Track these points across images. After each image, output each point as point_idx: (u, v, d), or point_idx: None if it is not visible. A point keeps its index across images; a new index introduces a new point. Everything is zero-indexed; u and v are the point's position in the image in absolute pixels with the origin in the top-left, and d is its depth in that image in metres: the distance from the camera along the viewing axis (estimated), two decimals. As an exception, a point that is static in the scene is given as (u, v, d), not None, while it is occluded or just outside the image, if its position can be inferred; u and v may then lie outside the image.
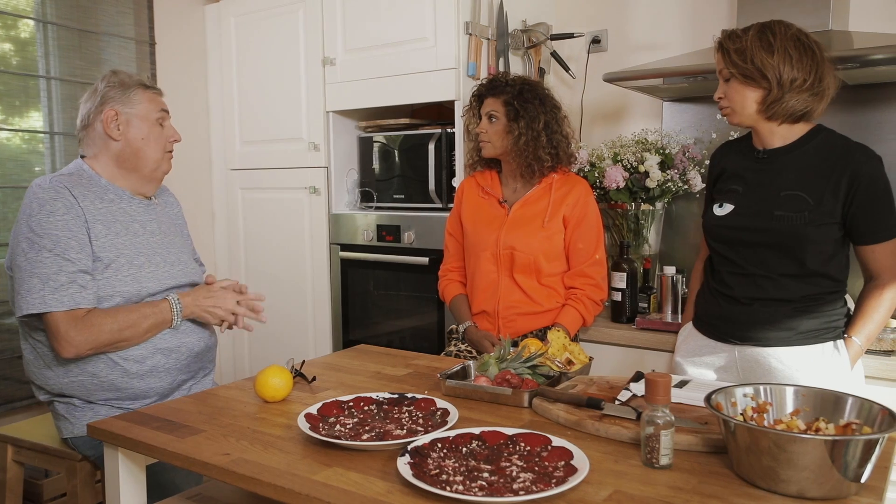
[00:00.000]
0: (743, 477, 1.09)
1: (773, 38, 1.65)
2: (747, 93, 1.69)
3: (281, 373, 1.55)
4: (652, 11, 2.78)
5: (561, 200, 2.17)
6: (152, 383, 1.78)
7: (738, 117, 1.73)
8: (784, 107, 1.66)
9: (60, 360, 1.73)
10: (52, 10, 2.82)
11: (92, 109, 1.84)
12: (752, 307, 1.73)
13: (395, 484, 1.10)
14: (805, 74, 1.64)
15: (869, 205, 1.64)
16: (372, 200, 2.93)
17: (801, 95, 1.65)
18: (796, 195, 1.67)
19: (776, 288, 1.71)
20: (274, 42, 3.10)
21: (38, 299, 1.64)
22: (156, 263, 1.83)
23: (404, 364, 1.85)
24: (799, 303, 1.70)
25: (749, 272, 1.74)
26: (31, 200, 1.71)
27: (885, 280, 1.68)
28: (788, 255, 1.68)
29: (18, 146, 2.77)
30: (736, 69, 1.68)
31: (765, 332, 1.72)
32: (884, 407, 1.10)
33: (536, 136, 2.13)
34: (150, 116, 1.86)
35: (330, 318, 3.02)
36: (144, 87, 1.88)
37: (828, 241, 1.67)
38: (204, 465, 1.23)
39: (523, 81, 2.20)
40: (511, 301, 2.18)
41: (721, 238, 1.80)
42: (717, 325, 1.81)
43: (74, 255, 1.68)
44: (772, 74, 1.64)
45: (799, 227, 1.65)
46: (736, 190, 1.78)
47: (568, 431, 1.31)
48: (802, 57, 1.64)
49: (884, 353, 1.96)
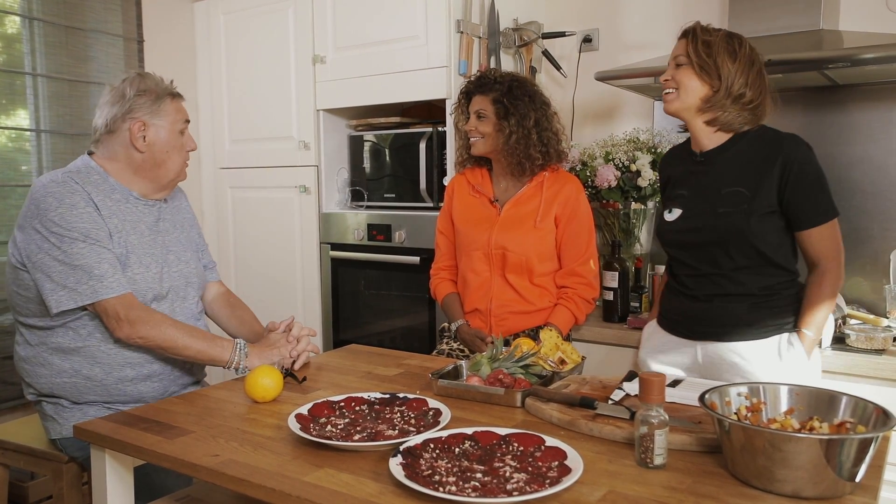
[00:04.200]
0: (738, 476, 1.08)
1: (738, 47, 1.71)
2: (696, 84, 1.72)
3: (271, 373, 1.53)
4: (643, 10, 2.78)
5: (552, 199, 2.16)
6: (144, 390, 1.76)
7: (679, 103, 1.75)
8: (722, 116, 1.72)
9: (56, 358, 1.71)
10: (38, 7, 2.79)
11: (118, 116, 1.77)
12: (713, 303, 1.78)
13: (387, 485, 1.09)
14: (753, 94, 1.71)
15: (802, 190, 1.68)
16: (362, 199, 2.92)
17: (742, 112, 1.72)
18: (735, 191, 1.72)
19: (733, 283, 1.75)
20: (264, 40, 3.08)
21: (88, 289, 1.64)
22: (162, 264, 1.81)
23: (396, 364, 1.84)
24: (758, 296, 1.74)
25: (704, 272, 1.78)
26: (44, 196, 1.67)
27: (824, 267, 1.71)
28: (737, 250, 1.72)
29: (4, 144, 2.74)
30: (697, 58, 1.71)
31: (724, 328, 1.76)
32: (878, 406, 1.10)
33: (527, 134, 2.12)
34: (176, 127, 1.82)
35: (320, 318, 3.01)
36: (173, 96, 1.83)
37: (771, 231, 1.71)
38: (193, 467, 1.21)
39: (512, 78, 2.18)
40: (503, 300, 2.17)
41: (672, 242, 1.85)
42: (679, 322, 1.86)
43: (108, 244, 1.69)
44: (725, 77, 1.69)
45: (741, 220, 1.69)
46: (682, 195, 1.83)
47: (561, 431, 1.30)
48: (757, 78, 1.71)
49: (875, 352, 1.96)
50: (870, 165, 2.34)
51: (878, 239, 2.35)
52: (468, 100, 2.22)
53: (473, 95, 2.20)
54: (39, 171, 2.83)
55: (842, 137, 2.38)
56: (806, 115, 2.43)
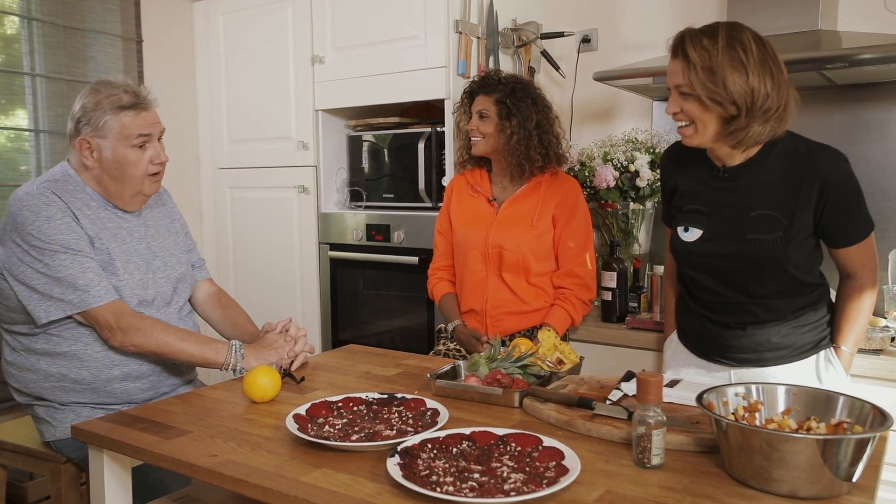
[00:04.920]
0: (735, 476, 1.09)
1: (745, 54, 1.46)
2: (711, 116, 1.50)
3: (269, 373, 1.53)
4: (642, 11, 2.78)
5: (550, 200, 2.16)
6: (133, 391, 1.76)
7: (699, 139, 1.54)
8: (748, 136, 1.50)
9: (42, 363, 1.71)
10: (37, 7, 2.79)
11: (71, 131, 1.75)
12: (745, 331, 1.64)
13: (384, 485, 1.09)
14: (779, 99, 1.48)
15: (841, 209, 1.54)
16: (361, 200, 2.92)
17: (767, 123, 1.49)
18: (768, 215, 1.55)
19: (765, 310, 1.62)
20: (263, 40, 3.08)
21: (76, 299, 1.64)
22: (145, 271, 1.80)
23: (394, 364, 1.84)
24: (791, 319, 1.62)
25: (733, 300, 1.64)
26: (20, 209, 1.66)
27: (861, 280, 1.62)
28: (768, 278, 1.58)
29: (3, 144, 2.74)
30: (703, 90, 1.47)
31: (759, 353, 1.65)
32: (874, 406, 1.10)
33: (528, 135, 2.13)
34: (127, 143, 1.73)
35: (319, 318, 3.00)
36: (125, 109, 1.71)
37: (805, 255, 1.59)
38: (190, 467, 1.21)
39: (515, 80, 2.19)
40: (499, 300, 2.17)
41: (693, 265, 1.68)
42: (708, 347, 1.72)
43: (91, 253, 1.68)
44: (741, 97, 1.46)
45: (776, 249, 1.54)
46: (699, 210, 1.65)
47: (559, 431, 1.30)
48: (777, 78, 1.48)
49: (873, 352, 1.97)
50: (868, 165, 2.34)
51: (877, 239, 2.33)
52: (471, 100, 2.23)
53: (476, 95, 2.20)
54: (38, 172, 2.83)
55: (840, 137, 2.38)
56: (804, 116, 2.40)
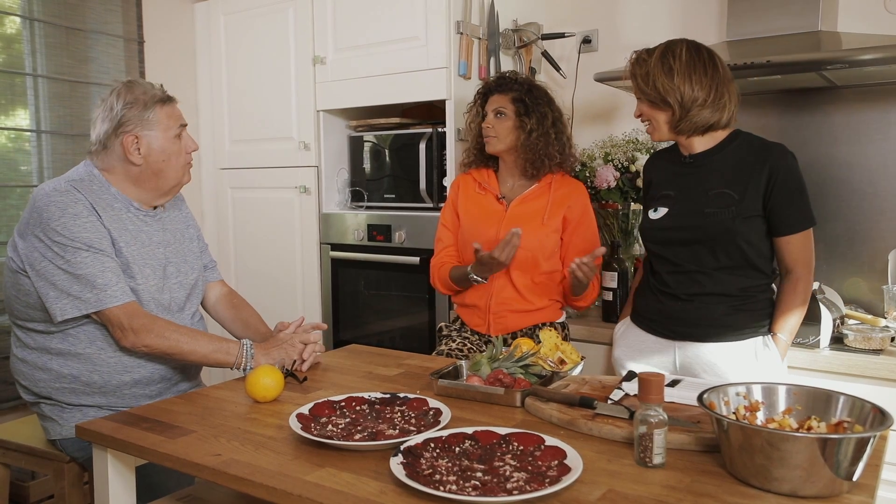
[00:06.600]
0: (736, 476, 1.09)
1: (673, 60, 1.75)
2: (657, 115, 1.82)
3: (272, 373, 1.54)
4: (642, 12, 2.79)
5: (561, 201, 2.18)
6: (142, 397, 1.77)
7: (658, 134, 1.85)
8: (689, 124, 1.78)
9: (55, 363, 1.72)
10: (38, 7, 2.80)
11: (109, 132, 1.75)
12: (692, 303, 1.82)
13: (387, 484, 1.10)
14: (704, 94, 1.75)
15: (785, 197, 1.75)
16: (362, 200, 2.92)
17: (702, 112, 1.76)
18: (723, 192, 1.78)
19: (713, 282, 1.80)
20: (264, 41, 3.08)
21: (92, 298, 1.64)
22: (162, 276, 1.82)
23: (396, 364, 1.85)
24: (736, 297, 1.79)
25: (686, 269, 1.83)
26: (47, 204, 1.67)
27: (798, 274, 1.79)
28: (720, 250, 1.78)
29: (4, 145, 2.74)
30: (644, 95, 1.80)
31: (704, 329, 1.81)
32: (875, 405, 1.10)
33: (546, 132, 2.16)
34: (170, 133, 1.79)
35: (320, 318, 3.01)
36: (162, 102, 1.79)
37: (754, 234, 1.77)
38: (195, 466, 1.22)
39: (530, 82, 2.23)
40: (503, 297, 2.17)
41: (656, 239, 1.89)
42: (657, 321, 1.89)
43: (111, 253, 1.70)
44: (673, 98, 1.75)
45: (727, 221, 1.75)
46: (668, 195, 1.88)
47: (561, 431, 1.31)
48: (702, 77, 1.75)
49: (873, 352, 1.97)
50: (868, 166, 2.35)
51: (876, 239, 2.35)
52: (485, 99, 2.24)
53: (491, 95, 2.22)
54: (39, 172, 2.83)
55: (840, 138, 2.39)
56: (804, 116, 2.44)
